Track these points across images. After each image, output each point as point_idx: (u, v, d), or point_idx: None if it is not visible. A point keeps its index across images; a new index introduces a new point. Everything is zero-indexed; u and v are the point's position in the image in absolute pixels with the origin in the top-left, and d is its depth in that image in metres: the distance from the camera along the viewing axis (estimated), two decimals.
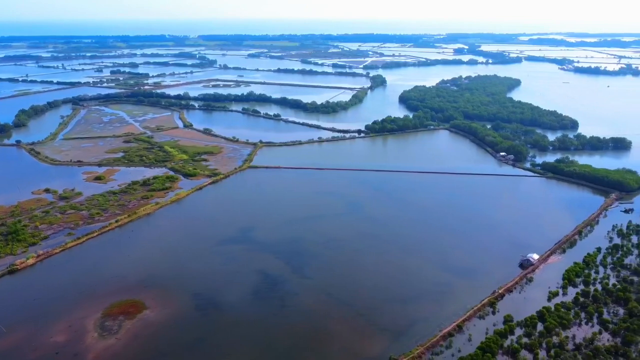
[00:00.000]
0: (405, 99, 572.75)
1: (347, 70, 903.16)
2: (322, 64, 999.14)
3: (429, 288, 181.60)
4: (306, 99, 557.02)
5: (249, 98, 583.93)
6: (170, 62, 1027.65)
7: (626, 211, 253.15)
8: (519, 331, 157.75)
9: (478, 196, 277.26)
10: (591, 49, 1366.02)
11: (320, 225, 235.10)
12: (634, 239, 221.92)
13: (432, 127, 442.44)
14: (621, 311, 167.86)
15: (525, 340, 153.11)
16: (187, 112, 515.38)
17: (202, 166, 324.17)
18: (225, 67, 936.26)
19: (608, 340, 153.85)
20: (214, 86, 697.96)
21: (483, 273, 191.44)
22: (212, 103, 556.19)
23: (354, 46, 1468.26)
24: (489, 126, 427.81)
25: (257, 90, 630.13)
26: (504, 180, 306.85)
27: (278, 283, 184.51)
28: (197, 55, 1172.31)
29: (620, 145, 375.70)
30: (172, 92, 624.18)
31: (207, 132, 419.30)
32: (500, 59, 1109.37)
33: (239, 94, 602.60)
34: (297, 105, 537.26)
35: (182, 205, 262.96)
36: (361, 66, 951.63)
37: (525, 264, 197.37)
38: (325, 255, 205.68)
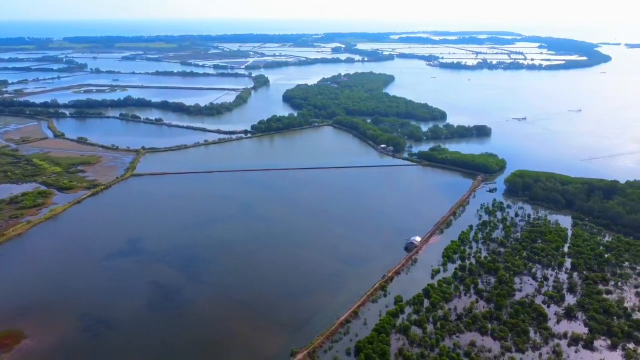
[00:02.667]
0: (289, 98, 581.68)
1: (229, 71, 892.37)
2: (202, 66, 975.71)
3: (325, 279, 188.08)
4: (189, 101, 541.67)
5: (127, 103, 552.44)
6: (33, 67, 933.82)
7: (491, 191, 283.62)
8: (408, 309, 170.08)
9: (363, 187, 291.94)
10: (453, 46, 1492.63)
11: (213, 229, 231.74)
12: (499, 215, 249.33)
13: (316, 124, 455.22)
14: (492, 280, 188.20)
15: (414, 317, 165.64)
16: (56, 120, 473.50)
17: (78, 178, 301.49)
18: (98, 71, 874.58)
19: (483, 306, 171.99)
20: (86, 92, 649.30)
21: (373, 259, 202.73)
22: (86, 110, 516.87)
23: (234, 47, 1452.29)
24: (369, 120, 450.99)
25: (135, 94, 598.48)
26: (385, 171, 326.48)
27: (173, 292, 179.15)
28: (64, 59, 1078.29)
29: (482, 132, 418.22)
30: (38, 99, 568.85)
31: (81, 141, 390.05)
32: (375, 56, 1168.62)
33: (115, 99, 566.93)
34: (179, 109, 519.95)
35: (59, 222, 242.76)
36: (243, 66, 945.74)
37: (409, 247, 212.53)
38: (220, 259, 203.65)
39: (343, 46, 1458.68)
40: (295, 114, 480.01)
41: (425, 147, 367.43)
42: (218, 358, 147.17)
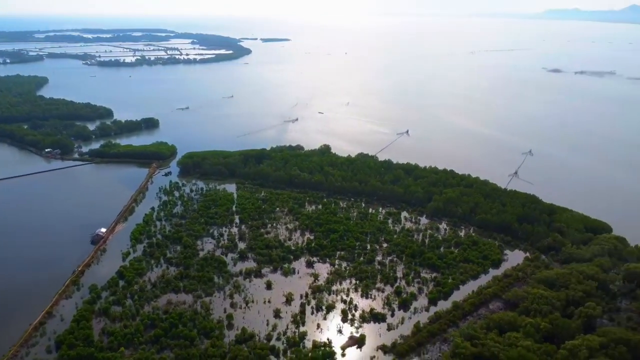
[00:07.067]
0: None
1: None
2: None
3: (12, 290, 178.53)
4: None
5: None
6: None
7: (166, 174, 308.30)
8: (105, 293, 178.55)
9: (37, 194, 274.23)
10: (108, 44, 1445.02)
11: None
12: (177, 194, 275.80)
13: None
14: (179, 247, 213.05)
15: (112, 297, 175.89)
16: None
17: None
18: None
19: (174, 270, 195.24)
20: None
21: (61, 259, 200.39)
22: None
23: None
24: (25, 126, 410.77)
25: None
26: (57, 174, 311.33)
27: None
28: None
29: (150, 124, 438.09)
30: None
31: None
32: (20, 58, 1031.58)
33: None
34: None
35: None
36: None
37: (96, 239, 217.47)
38: None
39: None
40: None
41: (96, 145, 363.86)
42: None
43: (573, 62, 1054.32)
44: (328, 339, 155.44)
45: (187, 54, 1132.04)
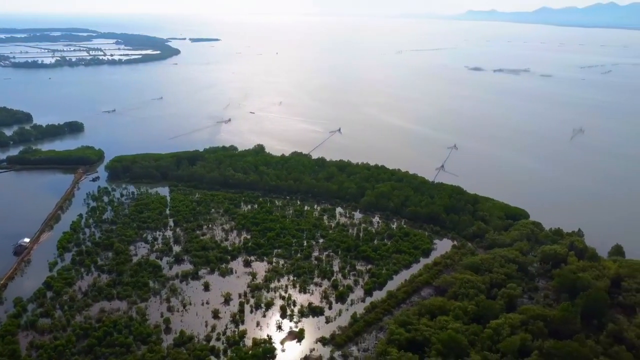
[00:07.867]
0: None
1: None
2: None
3: None
4: None
5: None
6: None
7: (94, 180, 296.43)
8: (32, 306, 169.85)
9: None
10: (24, 45, 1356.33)
11: None
12: (106, 199, 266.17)
13: None
14: (110, 254, 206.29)
15: (40, 310, 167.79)
16: None
17: None
18: None
19: (107, 278, 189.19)
20: None
21: None
22: None
23: None
24: None
25: None
26: None
27: None
28: None
29: (75, 127, 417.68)
30: None
31: None
32: None
33: None
34: None
35: None
36: None
37: (19, 250, 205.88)
38: None
39: None
40: None
41: (14, 152, 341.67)
42: None
43: (492, 61, 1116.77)
44: (268, 336, 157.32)
45: (111, 55, 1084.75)
